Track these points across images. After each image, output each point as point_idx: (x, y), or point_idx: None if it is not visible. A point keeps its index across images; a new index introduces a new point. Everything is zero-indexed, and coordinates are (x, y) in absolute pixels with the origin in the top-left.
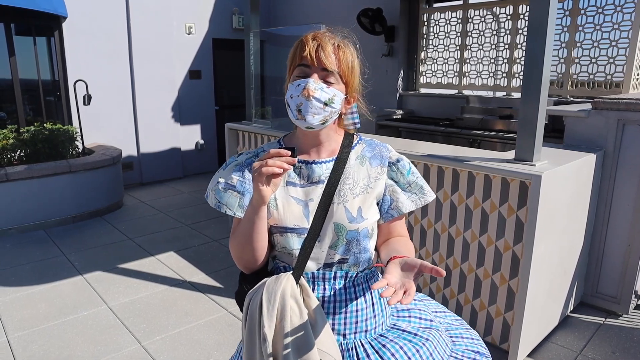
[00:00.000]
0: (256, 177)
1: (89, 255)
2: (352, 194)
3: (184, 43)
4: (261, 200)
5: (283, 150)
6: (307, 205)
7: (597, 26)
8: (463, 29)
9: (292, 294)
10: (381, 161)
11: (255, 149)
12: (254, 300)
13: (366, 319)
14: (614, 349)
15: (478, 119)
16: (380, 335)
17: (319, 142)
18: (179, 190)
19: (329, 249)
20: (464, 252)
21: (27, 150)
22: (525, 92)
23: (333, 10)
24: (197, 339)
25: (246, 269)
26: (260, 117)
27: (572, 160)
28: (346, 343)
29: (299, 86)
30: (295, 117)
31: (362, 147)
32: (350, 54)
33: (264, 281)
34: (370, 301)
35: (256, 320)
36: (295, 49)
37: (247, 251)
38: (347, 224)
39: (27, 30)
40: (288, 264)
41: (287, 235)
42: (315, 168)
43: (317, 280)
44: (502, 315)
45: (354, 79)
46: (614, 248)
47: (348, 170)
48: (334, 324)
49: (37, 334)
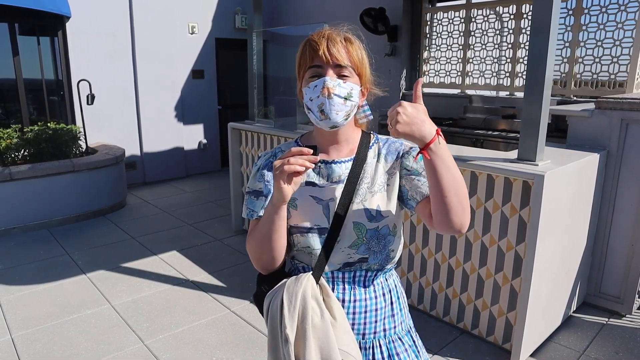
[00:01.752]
0: (278, 175)
1: (92, 255)
2: (370, 193)
3: (187, 43)
4: (282, 198)
5: (305, 149)
6: (328, 205)
7: (600, 25)
8: (466, 28)
9: (313, 294)
10: (396, 155)
11: (273, 149)
12: (274, 301)
13: (384, 318)
14: (617, 349)
15: (481, 118)
16: (398, 338)
17: (337, 142)
18: (181, 189)
19: (349, 248)
20: (467, 251)
21: (31, 149)
22: (528, 91)
23: (336, 10)
24: (199, 338)
25: (264, 269)
26: (263, 116)
27: (575, 160)
28: (365, 342)
29: (316, 87)
30: (318, 119)
31: (379, 145)
32: (358, 46)
33: (284, 282)
34: (389, 300)
35: (277, 321)
36: (303, 51)
37: (266, 251)
38: (366, 222)
39: (30, 30)
40: (307, 264)
41: (308, 235)
42: (335, 167)
43: (336, 280)
44: (504, 315)
45: (366, 70)
46: (617, 248)
47: (366, 169)
48: (354, 323)
49: (41, 332)
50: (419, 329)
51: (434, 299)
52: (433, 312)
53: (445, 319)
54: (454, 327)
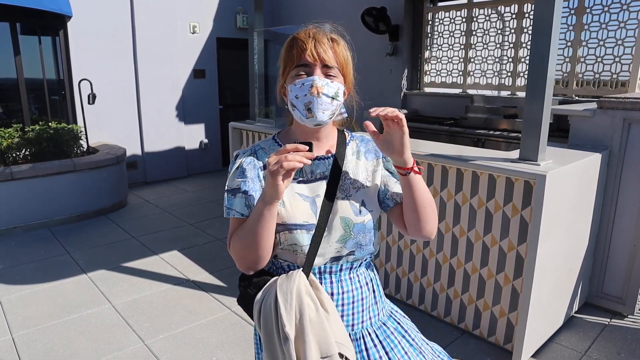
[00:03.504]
0: (275, 172)
1: (93, 254)
2: (354, 188)
3: (188, 42)
4: (276, 195)
5: (301, 145)
6: (315, 201)
7: (602, 25)
8: (467, 28)
9: (306, 290)
10: (375, 154)
11: (251, 146)
12: (267, 301)
13: (369, 306)
14: (620, 350)
15: (482, 118)
16: (383, 324)
17: (318, 139)
18: (182, 189)
19: (337, 242)
20: (468, 252)
21: (32, 149)
22: (530, 91)
23: (337, 9)
24: (200, 338)
25: (249, 269)
26: (264, 116)
27: (577, 160)
28: (354, 333)
29: (303, 85)
30: (304, 116)
31: (355, 143)
32: (343, 46)
33: (274, 281)
34: (372, 288)
35: (272, 321)
36: (289, 49)
37: (254, 250)
38: (353, 217)
39: (32, 29)
40: (292, 262)
41: (297, 232)
42: (318, 164)
43: (323, 274)
44: (506, 315)
45: (350, 71)
46: (620, 248)
47: (347, 165)
48: (343, 315)
49: (41, 332)
50: (420, 330)
51: (435, 299)
52: (434, 312)
53: (446, 319)
54: (455, 328)
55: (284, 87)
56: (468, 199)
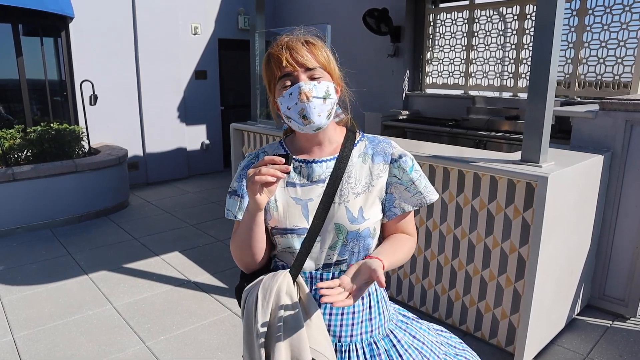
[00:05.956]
0: (250, 186)
1: (94, 255)
2: (353, 194)
3: (189, 43)
4: (256, 207)
5: (277, 158)
6: (307, 205)
7: (605, 26)
8: (469, 29)
9: (287, 291)
10: (384, 157)
11: (256, 150)
12: (250, 296)
13: (362, 321)
14: (622, 352)
15: (484, 119)
16: (374, 342)
17: (321, 142)
18: (184, 190)
19: (329, 249)
20: (470, 253)
21: (34, 150)
22: (532, 92)
23: (338, 10)
24: (201, 339)
25: (247, 269)
26: (265, 117)
27: (579, 162)
28: (341, 345)
29: (291, 95)
30: (302, 125)
31: (364, 144)
32: (320, 46)
33: (261, 278)
34: (368, 303)
35: (252, 315)
36: (268, 66)
37: (246, 254)
38: (347, 224)
39: (34, 30)
40: (288, 263)
41: (288, 237)
42: (315, 167)
43: (314, 281)
44: (507, 317)
45: (334, 67)
46: (622, 250)
47: (350, 169)
48: (330, 325)
49: (43, 333)
50: None
51: (436, 301)
52: (435, 314)
53: (447, 321)
54: (456, 330)
55: (276, 102)
56: (470, 200)
